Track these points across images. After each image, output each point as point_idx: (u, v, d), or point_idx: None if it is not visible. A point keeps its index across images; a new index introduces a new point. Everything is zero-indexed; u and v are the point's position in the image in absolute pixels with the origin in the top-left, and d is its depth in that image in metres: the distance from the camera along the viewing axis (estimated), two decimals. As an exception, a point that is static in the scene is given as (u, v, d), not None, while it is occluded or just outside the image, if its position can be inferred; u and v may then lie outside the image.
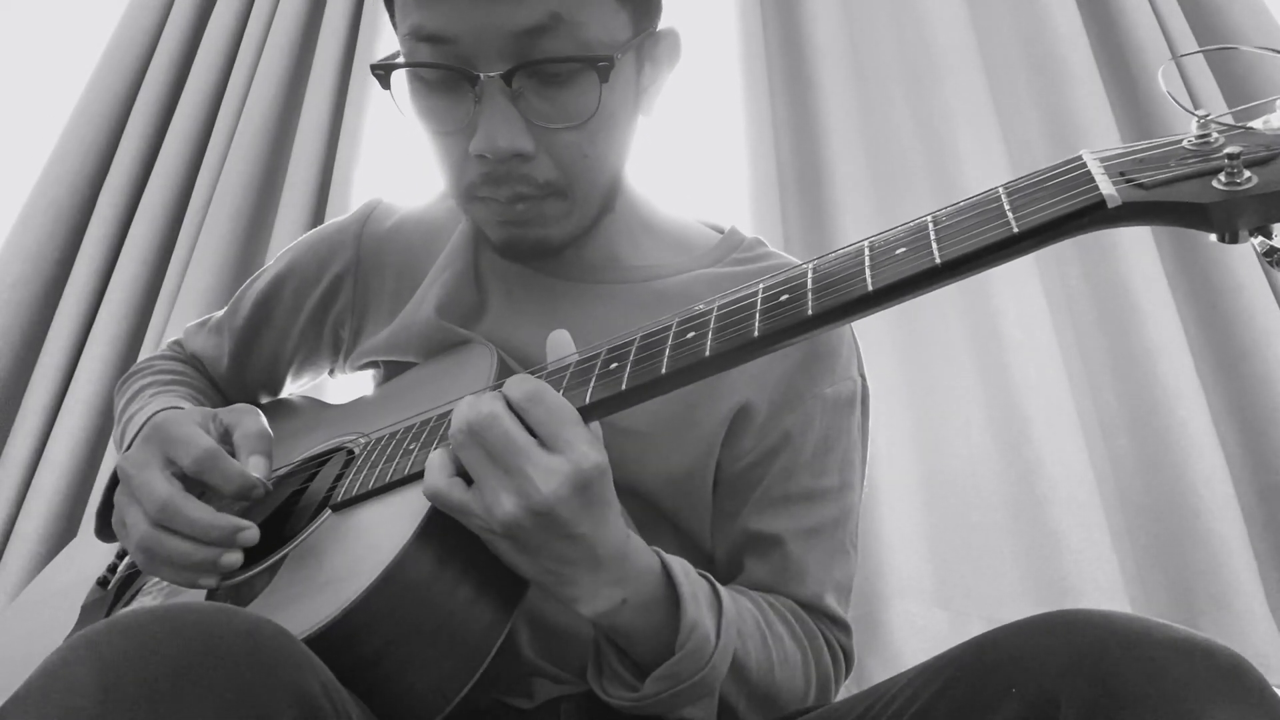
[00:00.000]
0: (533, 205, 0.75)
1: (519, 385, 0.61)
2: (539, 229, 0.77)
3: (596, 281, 0.84)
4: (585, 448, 0.59)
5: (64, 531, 1.69)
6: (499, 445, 0.59)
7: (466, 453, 0.61)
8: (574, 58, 0.69)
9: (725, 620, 0.68)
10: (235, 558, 0.66)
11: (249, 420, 0.74)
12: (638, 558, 0.66)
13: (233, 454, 0.71)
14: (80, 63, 1.99)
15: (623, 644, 0.68)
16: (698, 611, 0.66)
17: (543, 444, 0.60)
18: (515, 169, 0.72)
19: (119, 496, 0.72)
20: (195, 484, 0.70)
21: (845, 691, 0.82)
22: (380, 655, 0.61)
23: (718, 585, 0.71)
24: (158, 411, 0.82)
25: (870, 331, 1.59)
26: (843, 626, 0.83)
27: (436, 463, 0.63)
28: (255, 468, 0.70)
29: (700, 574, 0.70)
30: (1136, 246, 1.65)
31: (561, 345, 0.68)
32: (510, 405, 0.61)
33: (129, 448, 0.77)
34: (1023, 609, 1.48)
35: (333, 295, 0.93)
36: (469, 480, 0.62)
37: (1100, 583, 1.46)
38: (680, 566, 0.68)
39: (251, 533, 0.66)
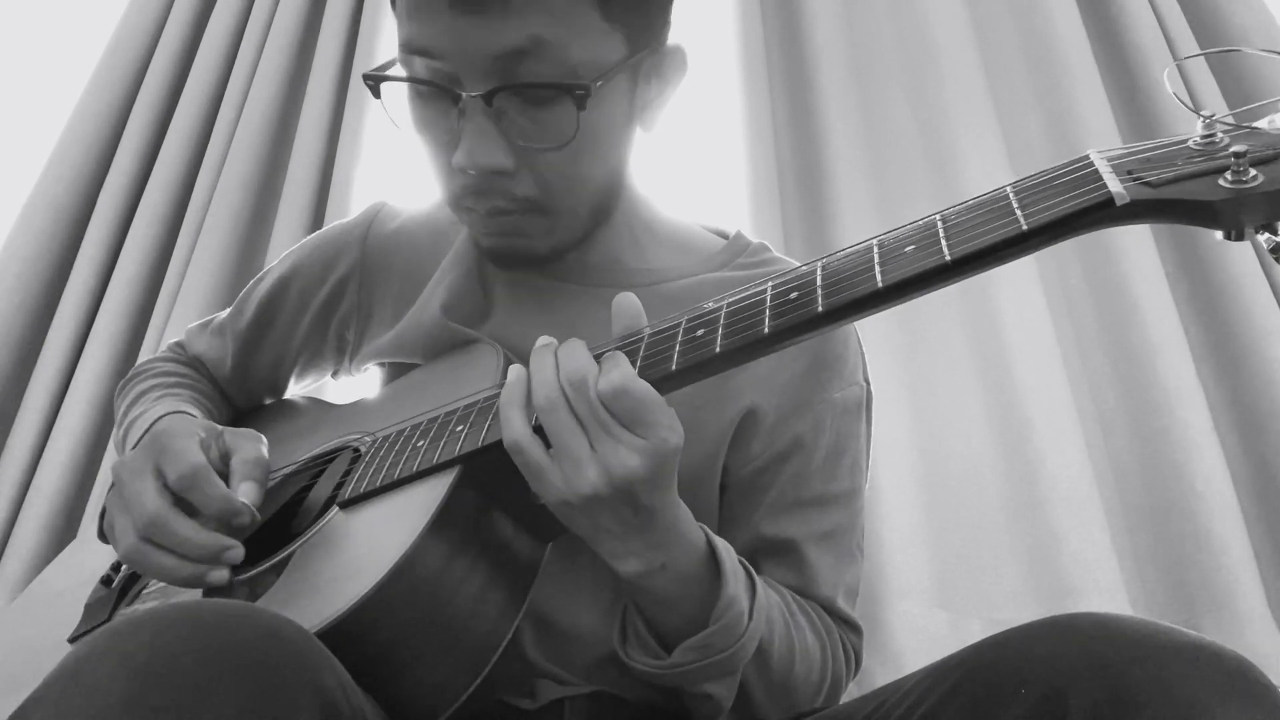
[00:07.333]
0: (512, 220, 0.75)
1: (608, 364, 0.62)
2: (522, 240, 0.77)
3: (600, 285, 0.84)
4: (666, 432, 0.61)
5: (64, 531, 1.69)
6: (588, 415, 0.60)
7: (554, 416, 0.61)
8: (550, 84, 0.69)
9: (757, 604, 0.70)
10: (221, 575, 0.66)
11: (249, 446, 0.74)
12: (685, 529, 0.67)
13: (227, 478, 0.72)
14: (80, 63, 1.99)
15: (652, 611, 0.70)
16: (736, 589, 0.68)
17: (624, 423, 0.61)
18: (496, 184, 0.73)
19: (111, 502, 0.72)
20: None
21: (846, 693, 0.83)
22: (386, 652, 0.61)
23: (753, 571, 0.72)
24: (163, 416, 0.82)
25: (871, 333, 1.57)
26: (854, 628, 0.84)
27: (518, 416, 0.63)
28: (245, 494, 0.70)
29: (739, 559, 0.72)
30: (1137, 246, 1.65)
31: (628, 310, 0.67)
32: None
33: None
34: (1023, 609, 1.49)
35: (337, 297, 0.93)
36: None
37: (1100, 583, 1.47)
38: (724, 545, 0.70)
39: (236, 552, 0.67)
